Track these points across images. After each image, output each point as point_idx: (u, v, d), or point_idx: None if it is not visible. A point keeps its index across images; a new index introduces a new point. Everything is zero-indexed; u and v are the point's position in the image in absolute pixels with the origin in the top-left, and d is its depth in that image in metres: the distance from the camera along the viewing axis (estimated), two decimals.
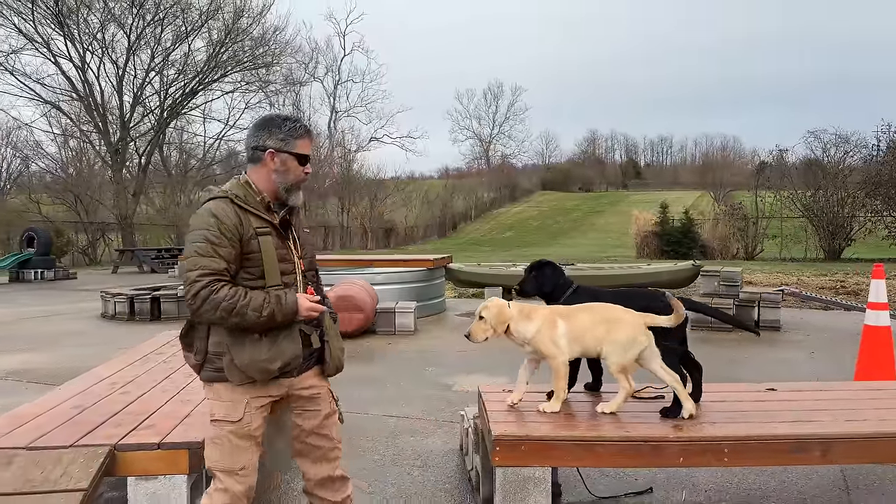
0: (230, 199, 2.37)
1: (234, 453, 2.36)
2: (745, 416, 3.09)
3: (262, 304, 2.28)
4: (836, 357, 7.12)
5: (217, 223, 2.29)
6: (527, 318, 3.06)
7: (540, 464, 2.79)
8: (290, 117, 2.49)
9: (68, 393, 3.58)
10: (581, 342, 3.05)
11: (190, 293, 2.26)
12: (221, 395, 2.37)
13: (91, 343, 8.40)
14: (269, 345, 2.34)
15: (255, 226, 2.36)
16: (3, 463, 2.60)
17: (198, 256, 2.27)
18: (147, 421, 3.05)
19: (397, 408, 5.33)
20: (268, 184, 2.44)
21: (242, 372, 2.32)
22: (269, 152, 2.42)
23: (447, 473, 3.92)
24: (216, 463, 2.38)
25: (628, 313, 3.09)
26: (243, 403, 2.37)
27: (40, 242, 19.75)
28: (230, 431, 2.36)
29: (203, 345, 2.38)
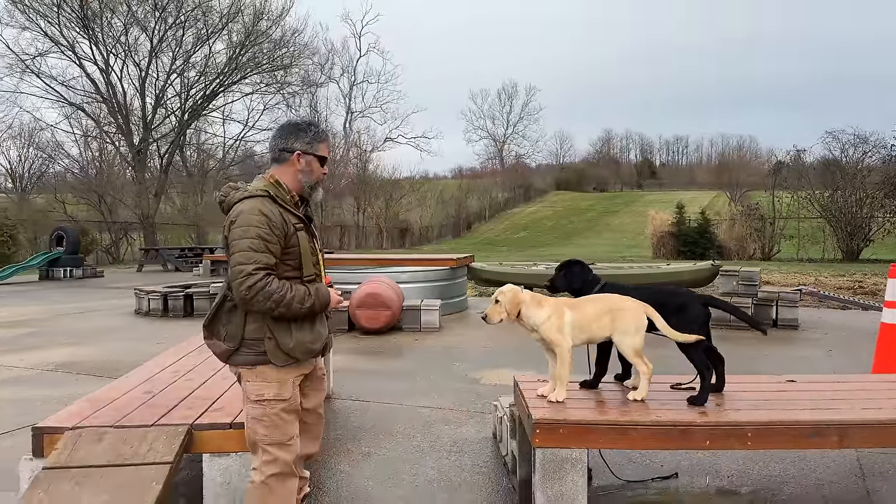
0: (272, 197, 2.62)
1: (283, 426, 2.66)
2: (767, 404, 3.31)
3: (304, 297, 2.60)
4: (853, 355, 7.29)
5: (267, 221, 2.55)
6: (538, 305, 3.29)
7: (577, 445, 3.03)
8: (312, 123, 2.81)
9: (135, 380, 3.87)
10: (587, 331, 3.28)
11: (245, 285, 2.49)
12: (268, 376, 2.63)
13: (129, 338, 8.75)
14: (310, 328, 2.69)
15: (292, 222, 2.65)
16: (94, 439, 2.89)
17: (251, 251, 2.51)
18: (215, 404, 3.33)
19: (429, 399, 5.59)
20: (294, 182, 2.73)
21: (287, 354, 2.62)
22: (296, 154, 2.71)
23: (483, 458, 4.18)
24: (265, 438, 2.64)
25: (629, 301, 3.33)
26: (289, 382, 2.67)
27: (69, 241, 20.24)
28: (282, 409, 2.65)
29: (237, 332, 2.62)
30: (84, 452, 2.81)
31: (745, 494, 3.61)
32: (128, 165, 34.44)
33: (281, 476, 2.65)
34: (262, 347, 2.62)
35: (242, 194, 2.64)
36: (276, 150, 2.74)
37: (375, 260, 11.53)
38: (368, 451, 4.29)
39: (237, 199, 2.63)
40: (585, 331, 3.28)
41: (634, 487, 3.71)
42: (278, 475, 2.64)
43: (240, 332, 2.63)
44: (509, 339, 8.10)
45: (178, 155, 37.50)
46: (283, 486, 2.65)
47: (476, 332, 8.94)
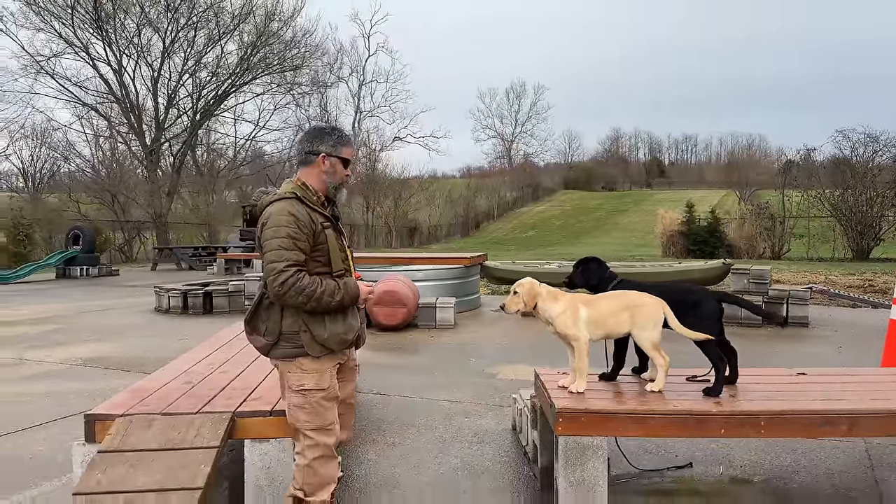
0: (299, 199, 2.81)
1: (323, 413, 2.85)
2: (779, 395, 3.46)
3: (334, 290, 2.77)
4: (862, 351, 7.41)
5: (296, 221, 2.73)
6: (553, 299, 3.44)
7: (598, 433, 3.19)
8: (336, 128, 3.00)
9: (173, 373, 4.06)
10: (604, 327, 3.42)
11: (278, 281, 2.68)
12: (306, 367, 2.82)
13: (151, 335, 8.96)
14: (343, 321, 2.87)
15: (320, 220, 2.83)
16: (144, 425, 3.08)
17: (282, 250, 2.70)
18: (254, 393, 3.51)
19: (449, 393, 5.76)
20: (319, 183, 2.91)
21: (322, 345, 2.81)
22: (321, 156, 2.89)
23: (504, 448, 4.34)
24: (308, 424, 2.84)
25: (646, 297, 3.48)
26: (328, 372, 2.86)
27: (85, 240, 20.55)
28: (322, 397, 2.84)
29: (275, 327, 2.81)
30: (135, 438, 3.00)
31: (757, 483, 3.76)
32: (140, 165, 34.81)
33: (323, 458, 2.86)
34: (300, 340, 2.80)
35: (272, 197, 2.84)
36: (303, 154, 2.92)
37: (391, 258, 11.72)
38: (393, 442, 4.46)
39: (267, 203, 2.83)
40: (602, 326, 3.43)
41: (650, 476, 3.87)
42: (321, 458, 2.85)
43: (278, 327, 2.82)
44: (523, 336, 8.27)
45: (190, 155, 37.86)
46: (325, 468, 2.87)
47: (490, 329, 9.11)
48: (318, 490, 2.86)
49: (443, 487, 3.71)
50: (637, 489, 3.68)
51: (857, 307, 10.77)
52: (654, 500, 3.52)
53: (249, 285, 11.14)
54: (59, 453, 4.27)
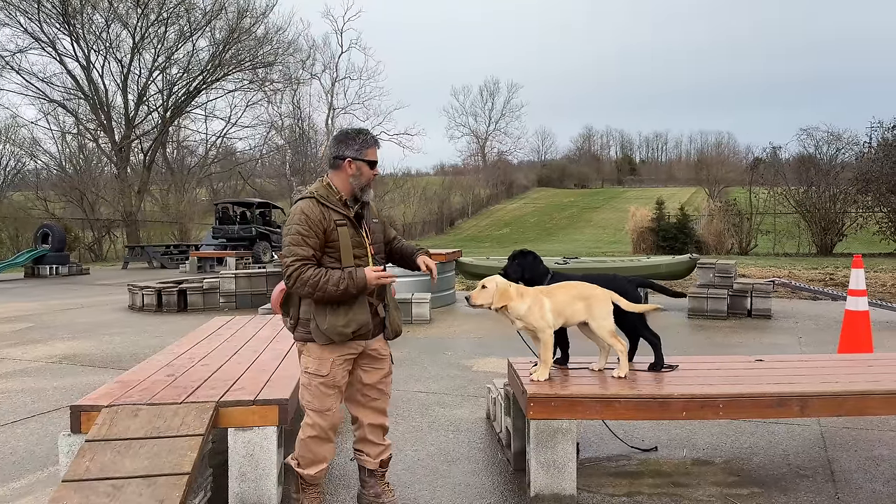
0: (316, 198, 3.02)
1: (322, 398, 3.04)
2: (737, 380, 3.67)
3: (338, 280, 2.92)
4: (822, 341, 7.73)
5: (306, 219, 2.95)
6: (520, 297, 3.61)
7: (567, 416, 3.36)
8: (362, 131, 3.16)
9: (155, 366, 4.13)
10: (563, 315, 3.61)
11: (286, 274, 2.95)
12: (312, 352, 3.05)
13: (127, 332, 8.95)
14: (345, 313, 3.00)
15: (334, 219, 3.01)
16: (130, 415, 3.17)
17: (291, 246, 2.95)
18: (236, 384, 3.61)
19: (425, 385, 5.91)
20: (345, 185, 3.09)
21: (324, 334, 2.98)
22: (347, 160, 3.07)
23: (478, 436, 4.51)
24: (309, 403, 3.06)
25: (597, 289, 3.68)
26: (329, 361, 3.03)
27: (55, 239, 20.25)
28: (320, 383, 3.03)
29: (295, 312, 3.07)
30: (122, 427, 3.09)
31: (718, 464, 3.97)
32: (109, 163, 34.31)
33: (317, 439, 3.08)
34: (310, 327, 3.03)
35: (297, 197, 3.11)
36: (331, 158, 3.13)
37: None
38: None
39: (294, 201, 3.11)
40: (562, 315, 3.62)
41: (617, 459, 4.06)
42: (315, 437, 3.07)
43: (296, 313, 3.08)
44: (497, 330, 8.45)
45: (161, 152, 37.39)
46: (318, 447, 3.09)
47: (465, 323, 9.27)
48: (309, 465, 3.10)
49: (420, 473, 3.85)
50: (605, 471, 3.86)
51: (818, 299, 11.15)
52: (621, 481, 3.70)
53: (224, 283, 11.14)
54: (39, 447, 4.34)
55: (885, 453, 4.10)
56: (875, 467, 3.87)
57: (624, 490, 3.58)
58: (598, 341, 3.74)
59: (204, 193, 42.30)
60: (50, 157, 35.75)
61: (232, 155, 43.26)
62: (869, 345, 5.86)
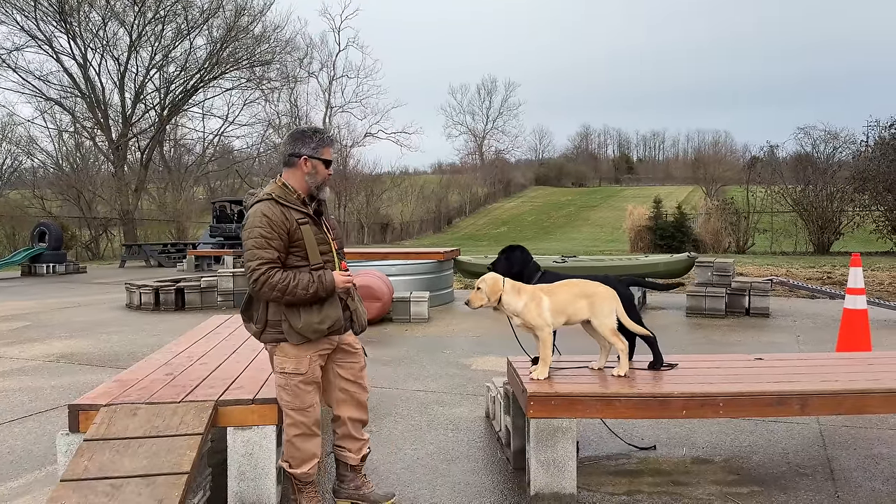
0: (275, 199, 3.00)
1: (302, 395, 3.07)
2: (736, 378, 3.67)
3: (307, 284, 2.93)
4: (820, 339, 7.74)
5: (268, 221, 2.94)
6: (516, 293, 3.60)
7: (567, 415, 3.35)
8: (318, 130, 3.17)
9: (154, 365, 4.12)
10: (564, 314, 3.60)
11: (251, 279, 2.92)
12: (288, 352, 3.04)
13: (124, 331, 8.93)
14: (318, 311, 3.01)
15: (296, 218, 3.01)
16: (130, 414, 3.15)
17: (255, 249, 2.93)
18: (235, 383, 3.60)
19: (424, 384, 5.90)
20: (301, 183, 3.09)
21: (299, 333, 2.99)
22: (302, 158, 3.07)
23: (478, 435, 4.50)
24: (289, 403, 3.06)
25: (600, 286, 3.67)
26: (307, 358, 3.05)
27: (52, 237, 20.19)
28: (300, 381, 3.05)
29: (262, 315, 3.04)
30: (120, 426, 3.07)
31: (718, 462, 3.97)
32: (106, 161, 34.22)
33: (303, 436, 3.09)
34: (282, 328, 3.01)
35: (253, 200, 3.06)
36: (286, 156, 3.11)
37: (366, 254, 11.79)
38: (370, 430, 4.56)
39: (249, 205, 3.05)
40: (563, 314, 3.60)
41: (617, 457, 4.06)
42: (300, 435, 3.09)
43: (264, 315, 3.05)
44: (496, 328, 8.44)
45: (158, 150, 37.31)
46: (305, 444, 3.11)
47: (463, 322, 9.27)
48: (300, 464, 3.11)
49: (419, 471, 3.85)
50: (605, 470, 3.86)
51: (815, 298, 11.17)
52: (621, 480, 3.70)
53: (222, 281, 11.12)
54: (37, 446, 4.32)
55: (884, 451, 4.10)
56: (875, 465, 3.87)
57: (624, 489, 3.58)
58: (599, 339, 3.73)
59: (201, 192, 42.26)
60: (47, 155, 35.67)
61: (229, 153, 43.20)
62: (867, 343, 5.87)
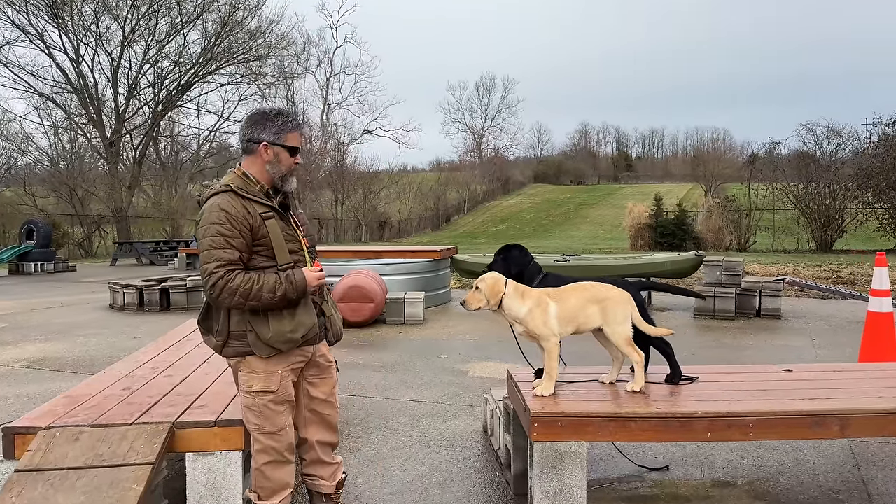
0: (234, 191, 2.56)
1: (273, 417, 2.64)
2: (765, 394, 3.25)
3: (274, 286, 2.51)
4: (837, 343, 7.34)
5: (227, 216, 2.50)
6: (520, 297, 3.17)
7: (576, 439, 2.94)
8: (282, 111, 2.70)
9: (113, 377, 3.70)
10: (574, 322, 3.17)
11: (208, 284, 2.47)
12: (255, 367, 2.61)
13: (104, 333, 8.50)
14: (290, 318, 2.59)
15: (259, 212, 2.57)
16: (70, 439, 2.73)
17: (212, 249, 2.48)
18: (198, 401, 3.18)
19: (416, 393, 5.49)
20: (262, 173, 2.65)
21: (268, 345, 2.56)
22: (262, 145, 2.62)
23: (474, 453, 4.08)
24: (256, 427, 2.66)
25: (613, 290, 3.25)
26: (278, 374, 2.63)
27: (40, 235, 19.73)
28: (270, 400, 2.63)
29: (224, 326, 2.60)
30: (59, 453, 2.66)
31: (741, 485, 3.56)
32: (100, 157, 33.74)
33: (274, 463, 2.68)
34: (247, 340, 2.59)
35: (209, 192, 2.62)
36: (244, 141, 2.67)
37: (358, 252, 11.37)
38: (356, 447, 4.17)
39: (205, 199, 2.61)
40: (572, 322, 3.18)
41: (629, 480, 3.65)
42: (271, 463, 2.68)
43: (226, 326, 2.62)
44: (494, 331, 8.03)
45: (152, 147, 36.82)
46: (276, 473, 2.70)
47: (461, 324, 8.85)
48: (271, 495, 2.70)
49: (409, 498, 3.43)
50: (617, 495, 3.45)
51: (827, 298, 10.77)
52: None
53: None
54: None
55: None
56: None
57: None
58: (612, 350, 3.32)
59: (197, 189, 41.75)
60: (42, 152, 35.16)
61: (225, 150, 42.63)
62: (894, 349, 5.45)
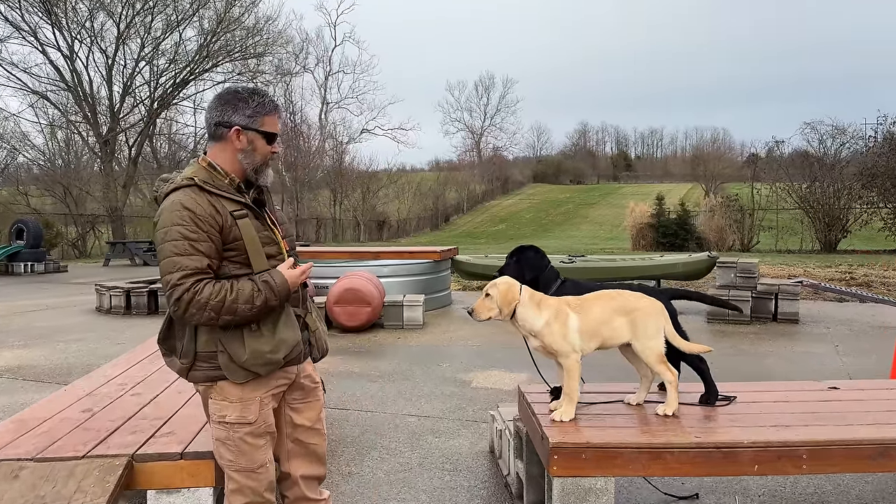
0: (199, 186, 2.12)
1: (250, 453, 2.21)
2: (816, 418, 2.85)
3: (251, 295, 2.08)
4: (861, 350, 6.96)
5: (191, 216, 2.06)
6: (536, 306, 2.77)
7: (602, 473, 2.53)
8: (257, 91, 2.26)
9: (75, 395, 3.29)
10: (598, 336, 2.79)
11: (173, 298, 2.03)
12: (229, 395, 2.18)
13: (87, 338, 8.08)
14: (270, 335, 2.16)
15: (230, 209, 2.14)
16: (8, 476, 2.32)
17: (175, 256, 2.04)
18: (165, 427, 2.77)
19: (415, 406, 5.08)
20: (233, 163, 2.21)
21: (244, 368, 2.13)
22: (234, 129, 2.19)
23: (480, 478, 3.67)
24: (231, 464, 2.23)
25: (644, 299, 2.86)
26: (256, 401, 2.19)
27: (30, 234, 19.30)
28: (247, 433, 2.19)
29: (189, 346, 2.17)
30: None
31: None
32: (94, 156, 33.29)
33: None
34: (218, 362, 2.15)
35: (168, 187, 2.16)
36: (212, 125, 2.22)
37: (354, 253, 10.95)
38: (349, 471, 3.76)
39: (163, 195, 2.16)
40: (596, 336, 2.78)
41: None
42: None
43: (192, 346, 2.17)
44: (499, 337, 7.62)
45: (148, 145, 36.36)
46: None
47: (463, 329, 8.44)
48: None
49: None
50: None
51: (843, 301, 10.37)
52: None
53: None
54: None
55: None
56: None
57: None
58: (641, 367, 2.91)
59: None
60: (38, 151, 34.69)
61: None
62: None
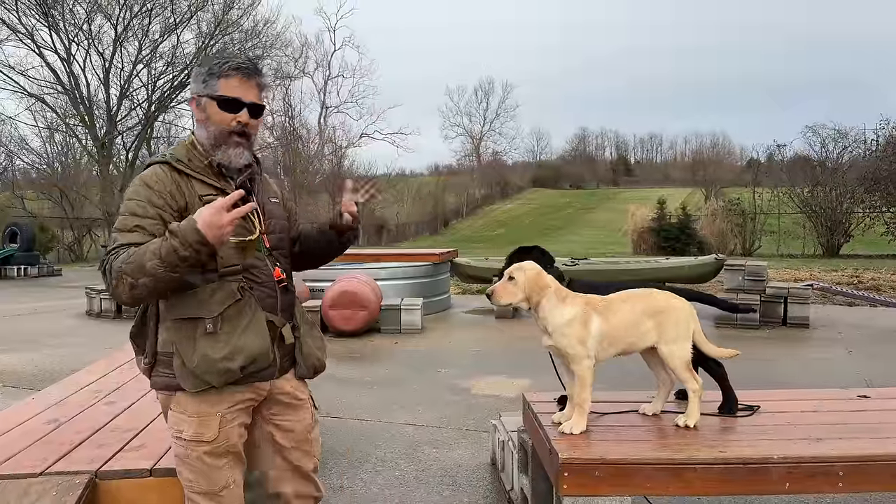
0: (170, 163, 1.90)
1: (209, 473, 1.93)
2: (850, 430, 2.60)
3: (158, 246, 1.73)
4: (876, 354, 6.74)
5: (148, 193, 1.85)
6: (561, 300, 2.47)
7: (619, 492, 2.28)
8: (219, 53, 2.03)
9: (42, 404, 3.04)
10: (621, 341, 2.51)
11: (101, 271, 1.83)
12: (187, 407, 1.90)
13: (75, 343, 7.84)
14: (226, 338, 1.86)
15: (199, 193, 1.89)
16: None
17: (117, 232, 1.83)
18: (136, 440, 2.52)
19: (412, 415, 4.83)
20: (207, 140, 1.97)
21: (194, 375, 1.85)
22: (192, 100, 1.97)
23: (482, 493, 3.42)
24: (192, 484, 1.95)
25: (675, 299, 2.60)
26: (215, 418, 1.90)
27: (23, 238, 19.07)
28: (205, 452, 1.91)
29: (151, 343, 1.95)
30: None
31: None
32: (91, 160, 33.07)
33: None
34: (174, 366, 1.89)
35: (147, 161, 1.99)
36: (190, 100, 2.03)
37: (352, 255, 10.70)
38: (341, 485, 3.51)
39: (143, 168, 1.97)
40: (619, 343, 2.50)
41: None
42: None
43: (153, 342, 1.94)
44: (499, 341, 7.38)
45: (146, 149, 36.15)
46: None
47: (462, 333, 8.19)
48: None
49: None
50: None
51: (853, 305, 10.14)
52: None
53: None
54: None
55: None
56: None
57: None
58: (660, 373, 2.66)
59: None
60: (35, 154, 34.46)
61: None
62: None
